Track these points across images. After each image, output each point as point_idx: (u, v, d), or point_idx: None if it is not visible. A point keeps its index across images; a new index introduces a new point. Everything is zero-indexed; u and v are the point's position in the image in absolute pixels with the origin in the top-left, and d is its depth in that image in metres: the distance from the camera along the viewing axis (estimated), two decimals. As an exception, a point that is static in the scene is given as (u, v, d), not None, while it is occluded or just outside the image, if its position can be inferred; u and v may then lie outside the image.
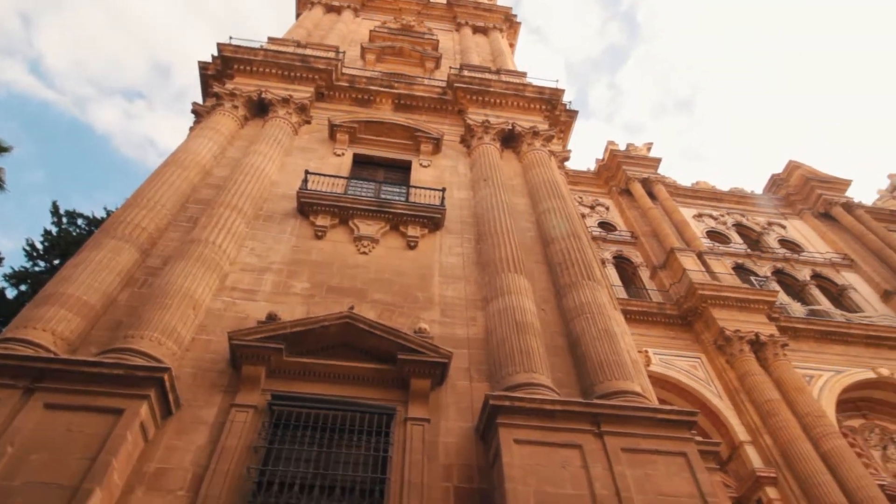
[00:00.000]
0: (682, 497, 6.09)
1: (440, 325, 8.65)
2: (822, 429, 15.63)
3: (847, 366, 19.59)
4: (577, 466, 6.15)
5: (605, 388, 7.39)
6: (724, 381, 17.88)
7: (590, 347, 8.18)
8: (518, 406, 6.45)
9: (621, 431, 6.55)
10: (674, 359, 18.82)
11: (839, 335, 20.44)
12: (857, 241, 27.02)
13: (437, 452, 6.64)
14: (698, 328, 19.62)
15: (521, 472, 5.84)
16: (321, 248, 9.93)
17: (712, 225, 27.86)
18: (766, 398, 16.39)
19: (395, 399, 7.13)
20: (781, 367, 17.64)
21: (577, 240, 10.53)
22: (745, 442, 16.17)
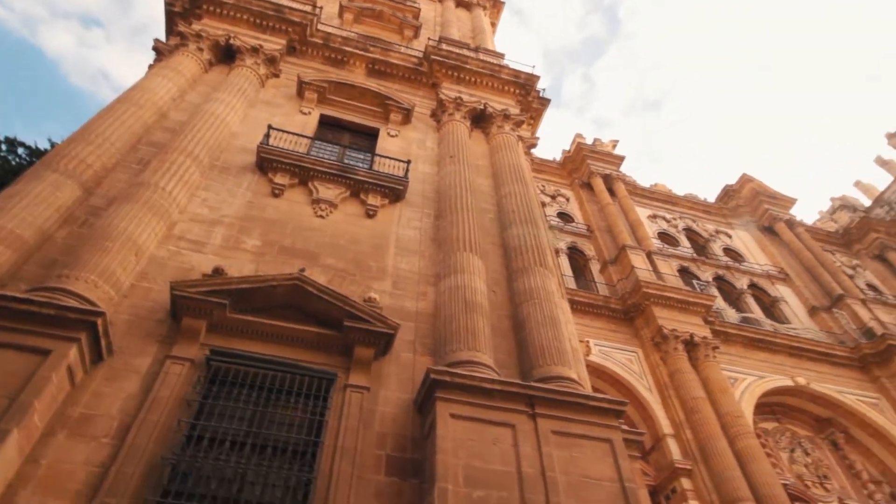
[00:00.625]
0: (603, 480, 6.41)
1: (391, 296, 8.67)
2: (739, 428, 16.70)
3: (769, 372, 20.91)
4: (507, 444, 6.36)
5: (544, 373, 7.63)
6: (656, 376, 18.77)
7: (534, 332, 8.40)
8: (458, 382, 6.58)
9: (554, 415, 6.79)
10: (613, 351, 19.58)
11: (766, 343, 21.75)
12: (793, 256, 28.61)
13: (374, 420, 6.73)
14: (639, 324, 20.43)
15: (453, 446, 6.00)
16: (277, 206, 9.71)
17: (664, 227, 28.85)
18: (692, 395, 17.33)
19: (336, 365, 7.14)
20: (710, 368, 18.65)
21: (535, 227, 10.70)
22: (668, 435, 17.10)
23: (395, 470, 6.30)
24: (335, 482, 5.86)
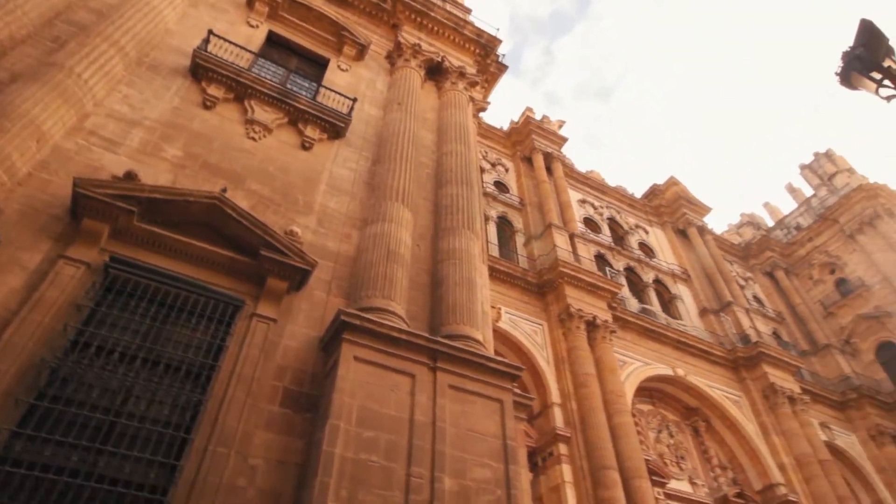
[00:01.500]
0: (487, 436, 6.85)
1: (314, 233, 8.53)
2: (618, 406, 18.25)
3: (654, 360, 22.85)
4: (405, 392, 6.60)
5: (451, 330, 7.90)
6: (555, 349, 19.95)
7: (449, 291, 8.63)
8: (367, 327, 6.68)
9: (453, 370, 7.10)
10: (521, 321, 20.51)
11: (657, 334, 23.65)
12: (697, 261, 30.94)
13: (276, 353, 6.72)
14: (550, 300, 21.46)
15: (352, 387, 6.14)
16: (206, 119, 9.13)
17: (591, 213, 30.10)
18: (584, 371, 18.65)
19: (246, 293, 7.00)
20: (604, 349, 20.07)
21: (469, 190, 10.82)
22: (556, 404, 18.38)
23: (291, 402, 6.37)
24: (227, 406, 5.85)
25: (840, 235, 35.20)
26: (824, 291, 34.66)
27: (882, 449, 26.48)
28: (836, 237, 35.43)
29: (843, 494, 21.50)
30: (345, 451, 5.64)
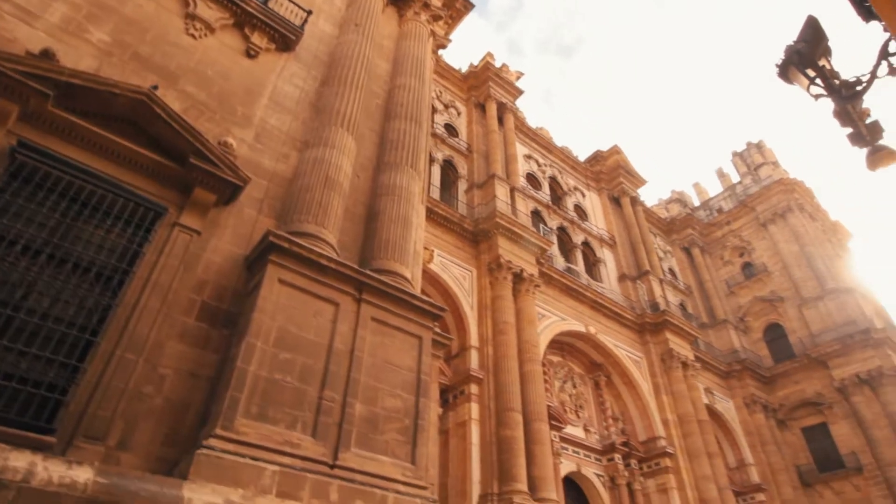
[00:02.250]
0: (402, 368, 7.11)
1: (249, 148, 8.15)
2: (531, 354, 19.35)
3: (570, 317, 24.20)
4: (327, 319, 6.67)
5: (381, 265, 7.97)
6: (480, 296, 20.63)
7: (384, 226, 8.63)
8: (295, 251, 6.60)
9: (377, 303, 7.22)
10: (452, 265, 20.93)
11: (577, 293, 24.95)
12: (625, 229, 32.46)
13: (197, 266, 6.53)
14: (482, 248, 21.96)
15: (273, 308, 6.13)
16: (141, 5, 8.28)
17: (534, 169, 30.54)
18: (504, 320, 19.49)
19: (170, 200, 6.66)
20: (526, 301, 20.98)
21: (418, 127, 10.64)
22: (474, 347, 19.21)
23: (208, 317, 6.29)
24: (139, 314, 5.69)
25: (755, 223, 37.91)
26: (731, 272, 37.61)
27: (752, 415, 29.95)
28: (750, 224, 38.14)
29: (713, 451, 24.32)
30: (259, 369, 5.70)
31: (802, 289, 33.48)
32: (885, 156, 4.25)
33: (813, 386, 30.59)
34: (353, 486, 5.65)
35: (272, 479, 5.13)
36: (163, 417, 5.48)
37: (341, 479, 5.61)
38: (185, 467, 4.86)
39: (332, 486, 5.49)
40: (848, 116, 4.20)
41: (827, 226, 39.46)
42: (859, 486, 27.30)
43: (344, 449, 5.89)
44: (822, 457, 28.94)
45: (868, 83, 4.13)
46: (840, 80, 4.23)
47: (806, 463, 29.15)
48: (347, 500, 5.53)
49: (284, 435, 5.52)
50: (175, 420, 5.53)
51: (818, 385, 30.41)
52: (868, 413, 27.96)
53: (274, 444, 5.38)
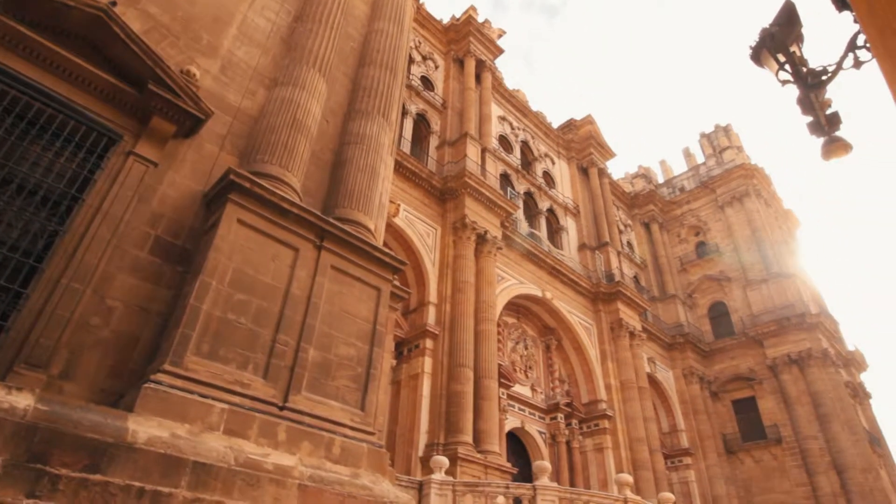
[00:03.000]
0: (358, 318, 7.16)
1: (214, 80, 7.77)
2: (487, 314, 19.77)
3: (529, 281, 24.71)
4: (285, 264, 6.60)
5: (345, 214, 7.88)
6: (443, 255, 20.77)
7: (350, 175, 8.49)
8: (257, 192, 6.44)
9: (338, 252, 7.18)
10: (417, 221, 20.89)
11: (538, 258, 25.41)
12: (590, 200, 32.96)
13: (153, 199, 6.30)
14: (449, 207, 21.95)
15: (230, 248, 6.01)
16: None
17: (507, 132, 30.37)
18: (464, 279, 19.75)
19: (125, 127, 6.34)
20: (487, 263, 21.26)
21: (393, 76, 10.35)
22: (432, 303, 19.46)
23: (162, 252, 6.12)
24: (88, 243, 5.48)
25: (713, 204, 39.11)
26: (685, 250, 38.94)
27: (689, 386, 31.73)
28: (709, 205, 39.33)
29: (649, 416, 25.78)
30: (213, 308, 5.63)
31: (749, 271, 35.07)
32: (838, 147, 4.42)
33: (747, 362, 32.54)
34: (301, 428, 5.76)
35: (220, 416, 5.16)
36: (110, 350, 5.39)
37: (290, 420, 5.70)
38: (130, 400, 4.83)
39: (281, 426, 5.58)
40: (810, 105, 4.32)
41: (779, 213, 41.09)
42: (776, 456, 29.61)
43: (294, 392, 5.95)
44: (747, 427, 31.13)
45: (833, 74, 4.24)
46: (807, 69, 4.34)
47: (732, 432, 31.31)
48: (295, 440, 5.64)
49: (235, 375, 5.53)
50: (122, 353, 5.45)
51: (752, 362, 32.36)
52: (793, 390, 30.05)
53: (224, 383, 5.39)
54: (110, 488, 4.17)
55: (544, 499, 8.33)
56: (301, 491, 5.24)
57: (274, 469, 5.16)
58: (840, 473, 27.02)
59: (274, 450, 5.38)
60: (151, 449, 4.47)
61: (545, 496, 8.36)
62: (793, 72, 4.38)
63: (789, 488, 28.40)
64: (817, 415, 28.78)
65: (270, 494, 4.99)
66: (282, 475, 5.18)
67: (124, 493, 4.21)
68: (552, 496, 8.39)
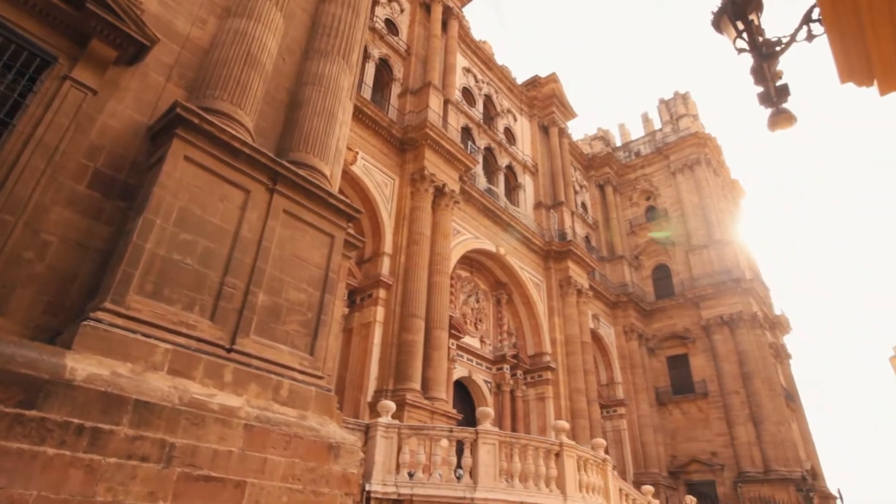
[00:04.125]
0: (310, 264, 7.10)
1: (161, 4, 7.22)
2: (441, 266, 19.96)
3: (484, 236, 24.99)
4: (235, 206, 6.41)
5: (299, 158, 7.66)
6: (400, 206, 20.62)
7: (307, 118, 8.20)
8: (206, 129, 6.15)
9: (292, 197, 7.02)
10: (375, 170, 20.53)
11: (494, 214, 25.63)
12: (549, 159, 33.20)
13: (92, 129, 5.92)
14: (408, 157, 21.63)
15: (177, 186, 5.77)
16: None
17: (471, 84, 29.84)
18: (420, 231, 19.76)
19: (61, 49, 5.85)
20: (444, 216, 21.29)
21: (356, 16, 9.89)
22: (387, 254, 19.45)
23: (101, 186, 5.81)
24: (19, 173, 5.14)
25: (666, 170, 40.19)
26: (636, 213, 40.15)
27: (628, 342, 33.45)
28: (662, 171, 40.39)
29: (589, 369, 27.14)
30: (157, 247, 5.45)
31: (693, 236, 36.63)
32: (784, 119, 4.61)
33: (683, 322, 34.48)
34: (248, 370, 5.76)
35: (164, 356, 5.09)
36: (45, 285, 5.16)
37: (237, 362, 5.69)
38: (68, 338, 4.69)
39: (228, 368, 5.57)
40: (762, 75, 4.46)
41: (726, 182, 42.71)
42: (702, 408, 31.98)
43: (243, 335, 5.92)
44: (678, 382, 33.34)
45: (786, 45, 4.36)
46: (763, 38, 4.44)
47: (664, 385, 33.48)
48: (242, 382, 5.66)
49: (181, 316, 5.43)
50: (59, 289, 5.23)
51: (688, 322, 34.32)
52: (722, 349, 32.21)
53: (169, 324, 5.29)
54: (47, 424, 4.10)
55: (485, 442, 8.75)
56: (247, 431, 5.30)
57: (220, 409, 5.18)
58: (757, 425, 29.54)
59: (220, 391, 5.39)
60: (91, 387, 4.39)
61: (486, 440, 8.78)
62: (749, 41, 4.47)
63: (710, 437, 30.90)
64: (741, 372, 31.08)
65: (216, 434, 5.03)
66: (227, 415, 5.21)
67: (62, 430, 4.15)
68: (493, 440, 8.82)
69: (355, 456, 6.35)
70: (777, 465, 28.19)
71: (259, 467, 5.27)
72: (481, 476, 8.46)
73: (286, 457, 5.55)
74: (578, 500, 9.20)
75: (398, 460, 8.52)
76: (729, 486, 28.57)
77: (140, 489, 4.38)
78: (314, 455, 5.85)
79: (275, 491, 5.32)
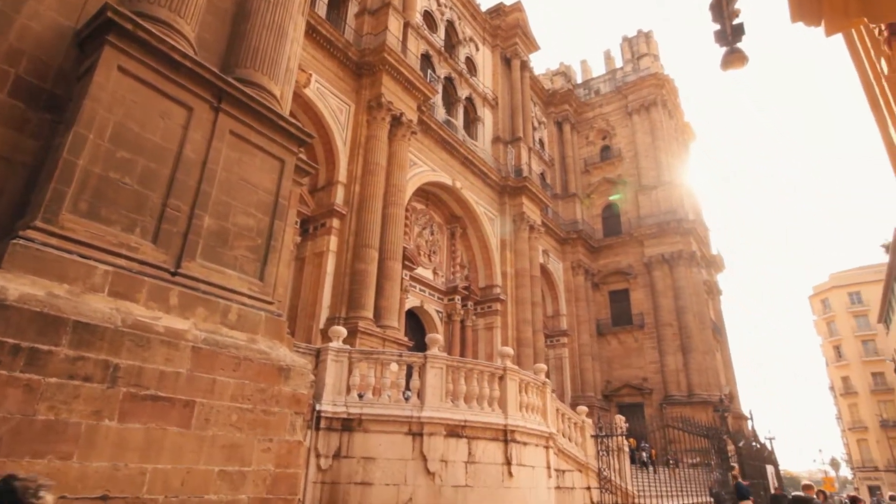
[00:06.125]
0: (259, 188, 6.90)
1: None
2: (396, 198, 19.82)
3: (440, 169, 24.79)
4: (177, 123, 6.07)
5: (247, 75, 7.24)
6: (355, 134, 20.02)
7: (255, 31, 7.67)
8: (142, 37, 5.67)
9: (239, 117, 6.69)
10: (330, 95, 19.68)
11: (452, 147, 25.33)
12: (509, 92, 32.66)
13: (9, 31, 5.35)
14: (365, 83, 20.77)
15: (110, 99, 5.38)
16: None
17: (433, 8, 28.46)
18: (376, 161, 19.38)
19: (-35, -68, 5.15)
20: (401, 147, 20.88)
21: (306, -81, 9.10)
22: (341, 183, 19.07)
23: (25, 96, 5.35)
24: (-73, 74, 4.65)
25: (623, 110, 40.40)
26: (591, 152, 40.59)
27: (575, 277, 34.80)
28: (619, 110, 40.59)
29: (536, 301, 28.24)
30: (91, 164, 5.14)
31: (643, 177, 37.58)
32: (736, 58, 4.70)
33: (628, 259, 36.04)
34: (195, 294, 5.70)
35: (105, 278, 4.95)
36: (-33, 201, 4.83)
37: (183, 286, 5.61)
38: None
39: (173, 291, 5.48)
40: (720, 12, 4.48)
41: (679, 125, 43.48)
42: (638, 339, 34.19)
43: (188, 259, 5.80)
44: (618, 314, 35.30)
45: (743, -16, 4.38)
46: (722, -26, 4.43)
47: (605, 318, 35.40)
48: (189, 306, 5.60)
49: (120, 237, 5.24)
50: (-17, 206, 4.91)
51: (632, 259, 35.89)
52: (661, 285, 34.08)
53: (108, 245, 5.10)
54: (-20, 343, 3.98)
55: (433, 366, 9.12)
56: (195, 353, 5.32)
57: (165, 332, 5.15)
58: (685, 354, 31.97)
59: (166, 314, 5.33)
60: (25, 307, 4.25)
61: (434, 364, 9.15)
62: (710, -24, 4.45)
63: (643, 364, 33.31)
64: (676, 306, 33.16)
65: (162, 355, 5.02)
66: (174, 338, 5.19)
67: (-3, 349, 4.04)
68: (441, 364, 9.21)
69: (305, 378, 6.52)
70: (699, 389, 30.86)
71: (208, 388, 5.34)
72: (428, 397, 8.89)
73: (236, 378, 5.64)
74: (518, 418, 9.87)
75: (348, 383, 8.81)
76: (655, 408, 31.20)
77: (84, 408, 4.39)
78: (264, 377, 5.97)
79: (224, 410, 5.43)
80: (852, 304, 63.47)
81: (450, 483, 8.59)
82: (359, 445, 8.43)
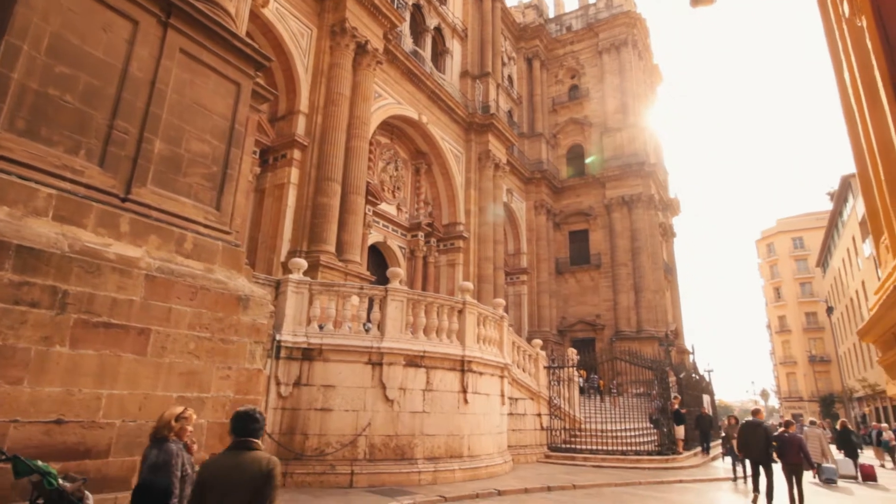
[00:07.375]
0: (213, 113, 6.60)
1: None
2: (360, 131, 19.28)
3: (406, 103, 24.10)
4: (121, 38, 5.65)
5: (196, -12, 6.72)
6: (318, 61, 19.06)
7: (203, -62, 7.06)
8: (75, -63, 5.15)
9: (189, 34, 6.28)
10: (290, 18, 18.51)
11: (418, 79, 24.53)
12: (480, 24, 31.47)
13: (-81, -83, 4.75)
14: (328, 5, 19.58)
15: (45, 7, 4.93)
16: None
17: (402, -76, 26.57)
18: (339, 91, 18.64)
19: None
20: (365, 77, 20.07)
21: None
22: (302, 112, 18.34)
23: (-56, -4, 4.84)
24: None
25: (593, 49, 39.66)
26: (559, 91, 40.07)
27: (537, 217, 35.26)
28: (590, 49, 39.83)
29: (498, 239, 28.63)
30: (27, 79, 4.78)
31: (610, 119, 37.57)
32: (703, -2, 4.65)
33: (589, 200, 36.62)
34: (147, 222, 5.54)
35: (48, 201, 4.74)
36: None
37: (134, 213, 5.43)
38: (-73, 174, 4.19)
39: (124, 218, 5.31)
40: (689, -51, 4.39)
41: (648, 67, 43.14)
42: (594, 278, 35.40)
43: (139, 185, 5.58)
44: (577, 254, 36.26)
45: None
46: None
47: (564, 257, 36.33)
48: (141, 233, 5.45)
49: (63, 159, 4.97)
50: None
51: (593, 200, 36.49)
52: (619, 227, 34.99)
53: (50, 167, 4.85)
54: (-85, 266, 3.80)
55: (394, 299, 9.27)
56: (149, 281, 5.24)
57: (117, 259, 5.03)
58: (637, 293, 33.43)
59: (116, 241, 5.18)
60: (-37, 229, 4.05)
61: (395, 297, 9.30)
62: None
63: (598, 302, 34.73)
64: (632, 247, 34.28)
65: (114, 283, 4.93)
66: (126, 265, 5.08)
67: (-65, 272, 3.88)
68: (401, 297, 9.37)
69: (265, 308, 6.54)
70: (648, 325, 32.56)
71: (164, 316, 5.31)
72: (388, 329, 9.09)
73: (193, 307, 5.61)
74: (476, 350, 10.26)
75: (309, 314, 8.88)
76: (606, 343, 32.86)
77: (32, 334, 4.31)
78: (222, 306, 5.96)
79: (181, 338, 5.44)
80: (795, 248, 67.10)
81: (408, 409, 8.98)
82: (319, 374, 8.64)
